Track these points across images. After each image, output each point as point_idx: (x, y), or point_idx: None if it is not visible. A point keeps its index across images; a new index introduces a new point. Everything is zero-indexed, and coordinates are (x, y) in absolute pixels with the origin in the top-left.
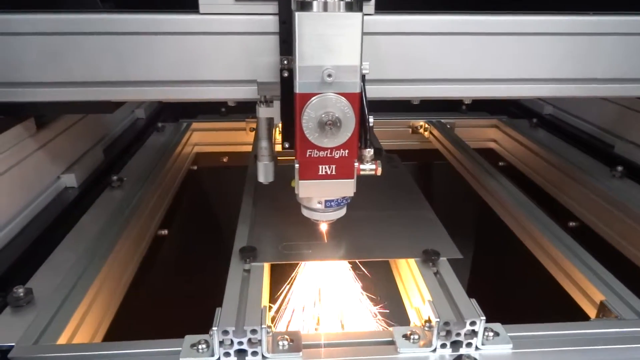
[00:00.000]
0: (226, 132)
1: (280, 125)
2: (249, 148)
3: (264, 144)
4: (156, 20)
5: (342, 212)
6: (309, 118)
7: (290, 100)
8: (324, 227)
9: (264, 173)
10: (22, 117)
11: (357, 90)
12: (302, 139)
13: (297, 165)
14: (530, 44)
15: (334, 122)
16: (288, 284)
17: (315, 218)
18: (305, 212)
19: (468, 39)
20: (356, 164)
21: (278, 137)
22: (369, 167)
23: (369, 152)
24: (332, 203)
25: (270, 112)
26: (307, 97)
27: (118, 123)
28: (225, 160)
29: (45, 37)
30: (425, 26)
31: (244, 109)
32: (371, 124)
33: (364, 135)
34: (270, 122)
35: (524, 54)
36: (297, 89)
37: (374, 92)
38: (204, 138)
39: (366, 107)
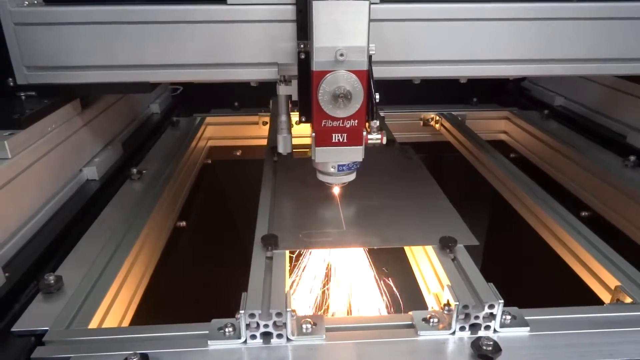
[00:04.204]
0: (239, 126)
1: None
2: (262, 141)
3: (283, 118)
4: (190, 11)
5: (352, 176)
6: (323, 92)
7: (306, 79)
8: (336, 191)
9: (283, 144)
10: (69, 98)
11: (365, 68)
12: (318, 110)
13: (313, 134)
14: (518, 28)
15: (345, 95)
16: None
17: (329, 181)
18: (320, 177)
19: (463, 24)
20: (364, 133)
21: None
22: (375, 137)
23: (375, 124)
24: (344, 167)
25: (289, 90)
26: (322, 74)
27: (135, 118)
28: (238, 153)
29: (94, 26)
30: (424, 13)
31: (257, 103)
32: (377, 100)
33: (371, 109)
34: (288, 99)
35: (513, 37)
36: (314, 67)
37: (380, 72)
38: (217, 132)
39: (373, 84)
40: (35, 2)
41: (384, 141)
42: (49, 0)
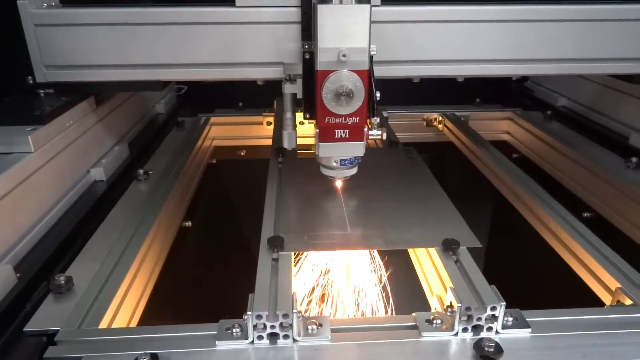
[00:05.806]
0: (243, 126)
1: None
2: (266, 142)
3: (288, 115)
4: (200, 13)
5: (354, 170)
6: (327, 90)
7: (310, 77)
8: (338, 184)
9: (288, 140)
10: (85, 95)
11: (366, 68)
12: (322, 107)
13: (317, 130)
14: (512, 29)
15: (347, 94)
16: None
17: (332, 175)
18: (324, 171)
19: (460, 25)
20: (365, 130)
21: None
22: (376, 133)
23: (375, 120)
24: (346, 162)
25: (294, 88)
26: (326, 73)
27: (141, 117)
28: (243, 153)
29: (110, 27)
30: (423, 15)
31: (261, 103)
32: (378, 98)
33: (372, 106)
34: (293, 97)
35: (507, 38)
36: (318, 67)
37: (381, 71)
38: (221, 132)
39: (374, 82)
40: (53, 4)
41: (384, 137)
42: (65, 1)
